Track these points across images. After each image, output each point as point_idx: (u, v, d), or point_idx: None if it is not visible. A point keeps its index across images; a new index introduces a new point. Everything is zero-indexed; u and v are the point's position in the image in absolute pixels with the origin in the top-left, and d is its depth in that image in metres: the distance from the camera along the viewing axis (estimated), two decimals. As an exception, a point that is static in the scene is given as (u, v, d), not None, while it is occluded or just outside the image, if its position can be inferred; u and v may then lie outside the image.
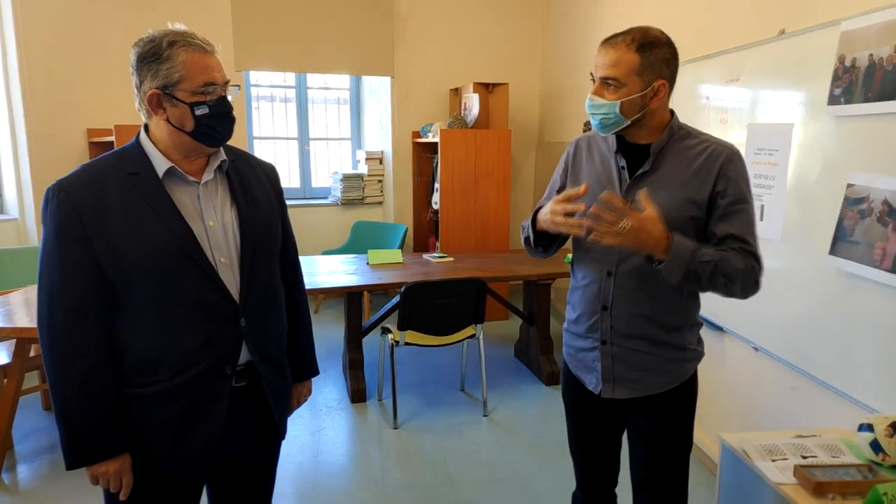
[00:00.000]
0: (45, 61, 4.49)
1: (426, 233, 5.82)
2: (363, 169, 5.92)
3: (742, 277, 1.49)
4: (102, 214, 1.29)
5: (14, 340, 2.97)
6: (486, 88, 5.27)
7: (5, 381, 2.96)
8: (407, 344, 3.40)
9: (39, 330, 1.32)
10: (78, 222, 1.28)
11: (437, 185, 5.22)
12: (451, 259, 4.23)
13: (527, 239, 1.72)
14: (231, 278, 1.40)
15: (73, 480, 2.78)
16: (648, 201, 1.43)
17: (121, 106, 4.65)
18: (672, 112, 1.62)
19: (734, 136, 2.72)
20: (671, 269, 1.45)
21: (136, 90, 1.35)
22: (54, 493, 2.73)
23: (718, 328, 2.87)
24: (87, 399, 1.31)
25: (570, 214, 1.47)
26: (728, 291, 1.52)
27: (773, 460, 1.74)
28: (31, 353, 3.02)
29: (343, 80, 6.10)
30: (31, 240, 4.67)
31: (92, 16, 4.58)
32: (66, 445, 1.33)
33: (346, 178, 5.80)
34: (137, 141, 1.39)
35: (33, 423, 3.35)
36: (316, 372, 1.75)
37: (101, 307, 1.32)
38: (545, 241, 1.69)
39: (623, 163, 1.61)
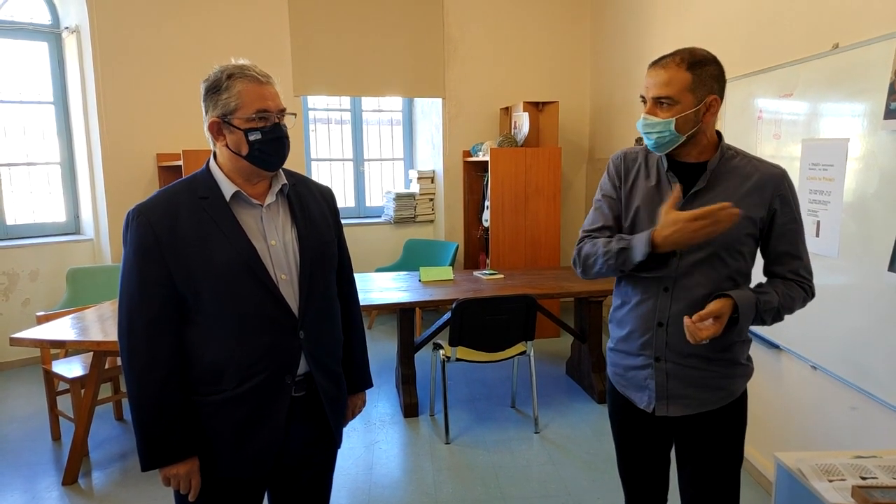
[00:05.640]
0: (119, 93, 4.79)
1: (477, 250, 5.87)
2: (415, 188, 6.05)
3: (801, 302, 1.63)
4: (176, 234, 1.41)
5: (90, 353, 3.17)
6: (536, 107, 5.31)
7: (82, 391, 3.15)
8: (458, 360, 3.45)
9: (120, 341, 1.43)
10: (155, 242, 1.40)
11: (487, 203, 5.29)
12: (502, 276, 4.27)
13: (623, 262, 1.58)
14: (291, 293, 1.50)
15: (142, 487, 2.95)
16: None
17: (187, 132, 4.92)
18: (719, 133, 1.66)
19: (788, 151, 2.69)
20: (743, 327, 1.57)
21: (204, 120, 1.48)
22: (125, 497, 2.89)
23: (775, 346, 2.81)
24: (161, 406, 1.41)
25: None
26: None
27: (831, 480, 1.70)
28: (105, 366, 3.20)
29: (396, 102, 6.26)
30: (105, 259, 4.94)
31: (161, 49, 4.88)
32: (141, 448, 1.44)
33: (399, 198, 5.93)
34: (207, 167, 1.51)
35: (106, 432, 3.55)
36: (370, 384, 1.82)
37: (175, 320, 1.43)
38: (653, 262, 1.55)
39: (676, 181, 1.63)
